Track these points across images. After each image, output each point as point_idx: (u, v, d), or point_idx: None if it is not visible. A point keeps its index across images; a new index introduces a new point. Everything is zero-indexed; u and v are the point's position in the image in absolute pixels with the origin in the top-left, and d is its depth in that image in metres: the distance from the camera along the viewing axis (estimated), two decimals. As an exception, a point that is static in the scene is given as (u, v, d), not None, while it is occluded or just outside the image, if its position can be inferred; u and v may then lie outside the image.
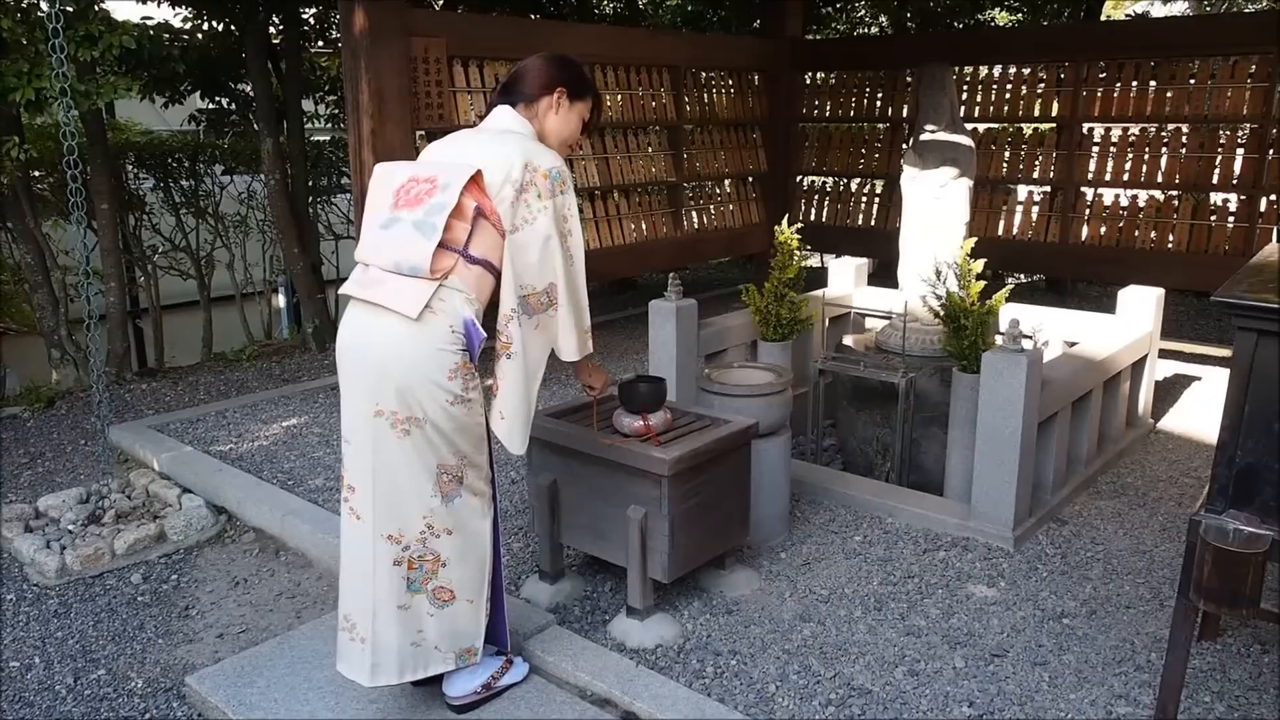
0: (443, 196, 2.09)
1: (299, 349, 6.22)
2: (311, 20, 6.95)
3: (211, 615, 2.98)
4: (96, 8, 4.72)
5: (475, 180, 2.12)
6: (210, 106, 7.05)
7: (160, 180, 6.67)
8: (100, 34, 4.57)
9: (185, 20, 6.57)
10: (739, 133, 7.06)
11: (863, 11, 10.29)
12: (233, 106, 7.01)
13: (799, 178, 7.46)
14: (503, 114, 2.31)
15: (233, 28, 6.36)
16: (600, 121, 2.57)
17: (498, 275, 2.18)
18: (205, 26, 6.46)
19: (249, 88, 6.68)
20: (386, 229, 2.14)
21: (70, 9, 4.57)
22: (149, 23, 5.96)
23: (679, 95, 6.38)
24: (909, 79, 6.78)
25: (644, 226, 6.29)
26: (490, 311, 2.20)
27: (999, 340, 3.22)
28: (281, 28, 6.52)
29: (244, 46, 6.12)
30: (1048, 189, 6.36)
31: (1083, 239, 6.16)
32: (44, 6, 4.40)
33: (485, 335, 2.15)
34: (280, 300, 8.36)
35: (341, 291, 2.22)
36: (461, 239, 2.11)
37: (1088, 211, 6.16)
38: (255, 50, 6.01)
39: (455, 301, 2.10)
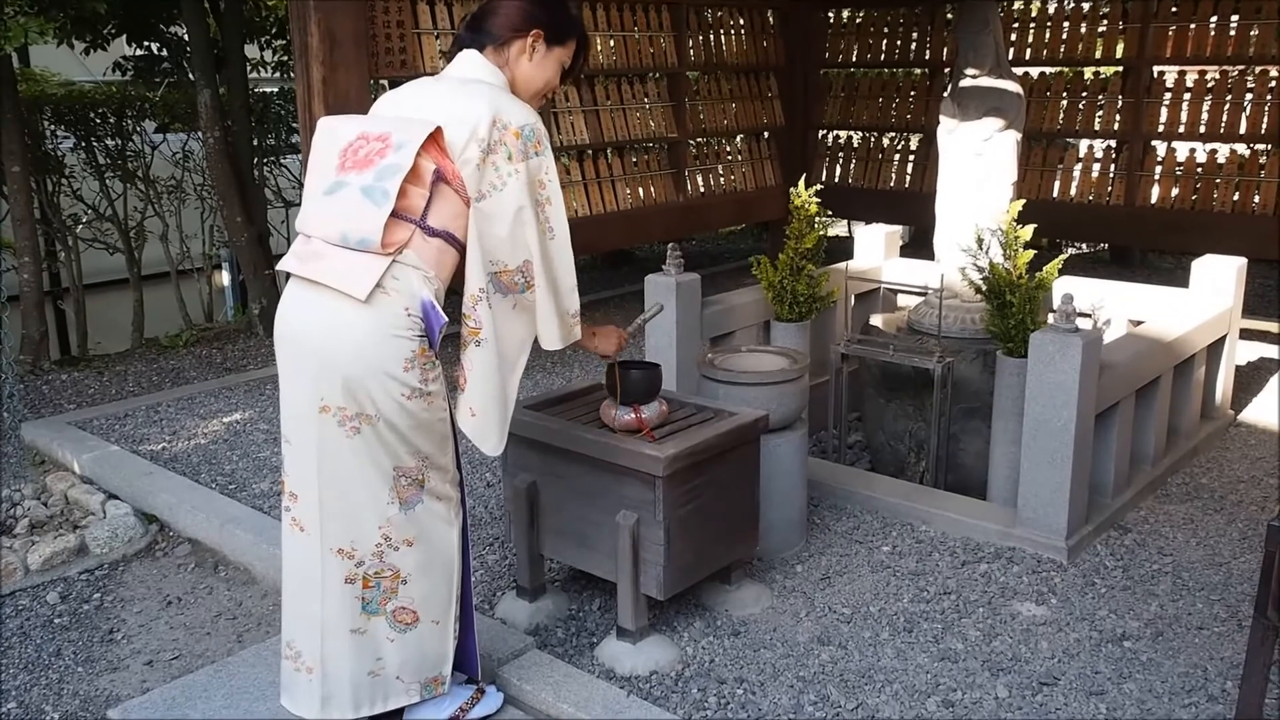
0: (396, 157, 2.06)
1: (243, 333, 6.21)
2: (255, -48, 6.92)
3: (139, 639, 2.97)
4: (3, -63, 4.70)
5: (434, 138, 2.10)
6: (138, 53, 7.02)
7: (82, 139, 6.65)
8: (7, -32, 4.55)
9: (107, -48, 6.53)
10: (750, 81, 7.02)
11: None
12: (164, 53, 6.98)
13: (820, 133, 7.43)
14: (469, 60, 2.28)
15: (163, -39, 6.33)
16: (584, 68, 2.53)
17: (461, 250, 2.16)
18: (131, -41, 6.42)
19: (183, 31, 6.65)
20: (331, 195, 2.11)
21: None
22: (65, -45, 5.94)
23: (680, 37, 6.34)
24: (949, 16, 6.73)
25: (640, 190, 6.27)
26: (455, 294, 2.18)
27: (1051, 319, 3.21)
28: (220, -40, 6.49)
29: (176, -18, 6.10)
30: (1111, 143, 6.32)
31: (1152, 201, 6.13)
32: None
33: (446, 320, 2.13)
34: (223, 277, 8.35)
35: (279, 267, 2.20)
36: (418, 207, 2.08)
37: (1158, 169, 6.13)
38: (189, -14, 5.98)
39: (411, 280, 2.08)
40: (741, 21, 6.88)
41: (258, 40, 7.41)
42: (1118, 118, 6.23)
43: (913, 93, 7.01)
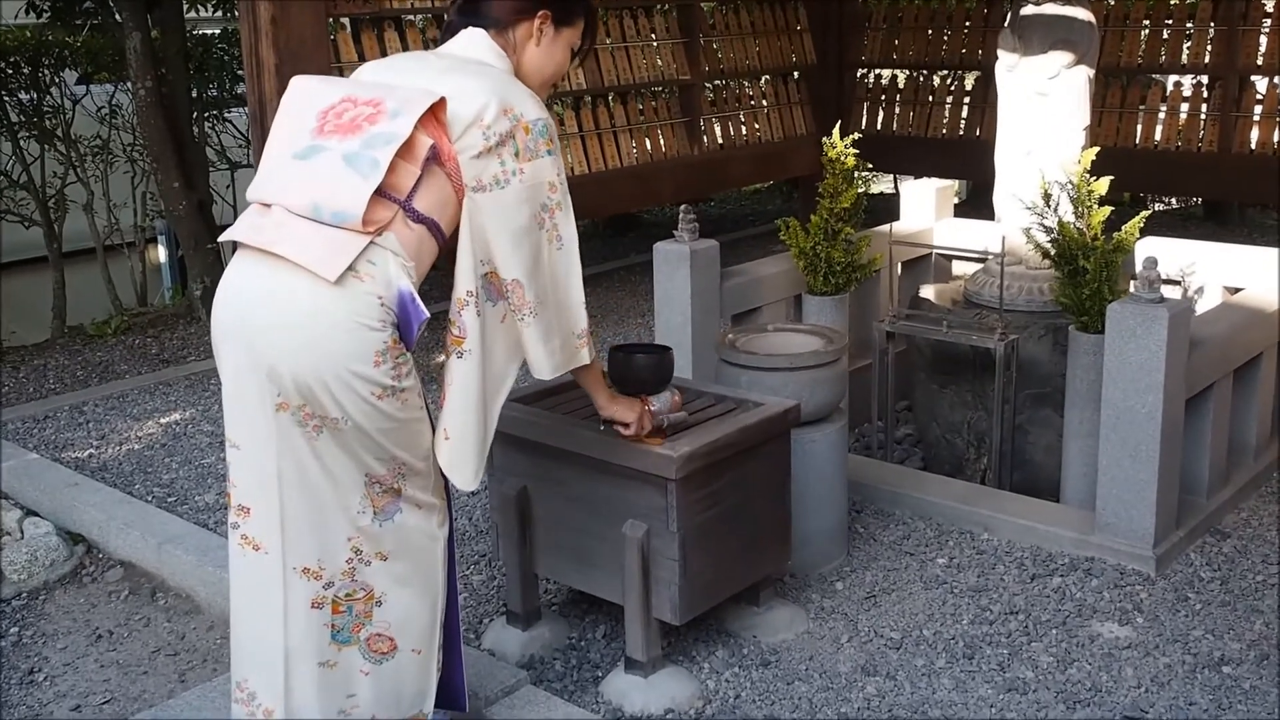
0: (391, 124, 2.05)
1: (183, 318, 6.22)
2: None
3: (65, 680, 2.97)
4: None
5: (435, 112, 2.09)
6: (56, -10, 7.01)
7: (-10, 94, 6.66)
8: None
9: None
10: (776, 11, 6.98)
11: None
12: (86, -10, 6.97)
13: (858, 72, 7.39)
14: (474, 38, 2.29)
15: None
16: (592, 46, 2.55)
17: (442, 243, 2.16)
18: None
19: (107, -37, 6.64)
20: (305, 160, 2.09)
21: None
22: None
23: (693, -39, 6.30)
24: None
25: (649, 143, 6.25)
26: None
27: (1132, 288, 3.18)
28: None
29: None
30: (1202, 79, 6.27)
31: (1251, 146, 6.08)
32: None
33: (427, 316, 2.11)
34: (158, 253, 8.35)
35: (225, 236, 2.17)
36: (406, 186, 2.08)
37: (1257, 109, 6.08)
38: (113, -89, 5.96)
39: (389, 266, 2.06)
40: (763, -58, 6.83)
41: (195, -27, 7.40)
42: (1209, 49, 6.17)
43: (967, 23, 6.96)
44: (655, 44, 6.27)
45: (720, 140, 6.67)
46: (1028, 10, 4.00)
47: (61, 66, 6.91)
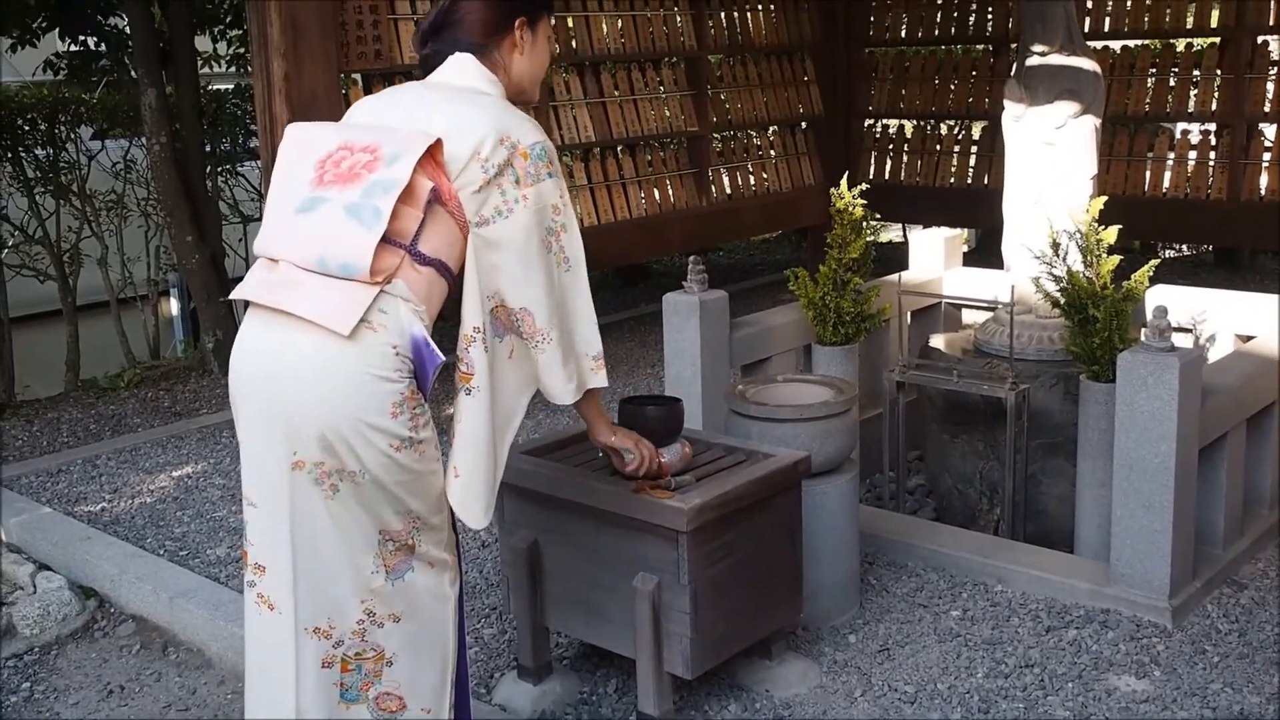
0: (390, 171, 2.05)
1: (195, 371, 6.25)
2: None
3: (75, 736, 2.97)
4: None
5: (432, 153, 2.09)
6: (73, 49, 7.12)
7: (8, 149, 6.75)
8: (-80, -44, 4.64)
9: (37, -66, 6.66)
10: (783, 63, 7.05)
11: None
12: (103, 48, 7.08)
13: (865, 122, 7.45)
14: (464, 65, 2.29)
15: (100, -58, 6.44)
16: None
17: (452, 281, 2.17)
18: (64, -58, 6.55)
19: (123, 22, 6.74)
20: (307, 213, 2.09)
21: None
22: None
23: (700, 16, 6.39)
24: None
25: (657, 194, 6.30)
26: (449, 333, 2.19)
27: (1143, 336, 3.18)
28: (165, -61, 6.59)
29: (116, -33, 6.20)
30: (1210, 127, 6.31)
31: (1260, 193, 6.10)
32: None
33: (442, 360, 2.13)
34: (170, 306, 8.41)
35: (236, 294, 2.19)
36: (410, 230, 2.08)
37: (1266, 156, 6.11)
38: (130, -29, 6.07)
39: (400, 313, 2.08)
40: (770, -5, 6.92)
41: (209, 31, 7.51)
42: (1216, 97, 6.21)
43: (973, 73, 7.03)
44: (663, 96, 6.33)
45: (729, 191, 6.72)
46: (1033, 61, 4.03)
47: (77, 123, 7.01)
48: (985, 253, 7.15)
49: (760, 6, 6.87)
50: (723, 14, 6.60)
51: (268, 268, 2.15)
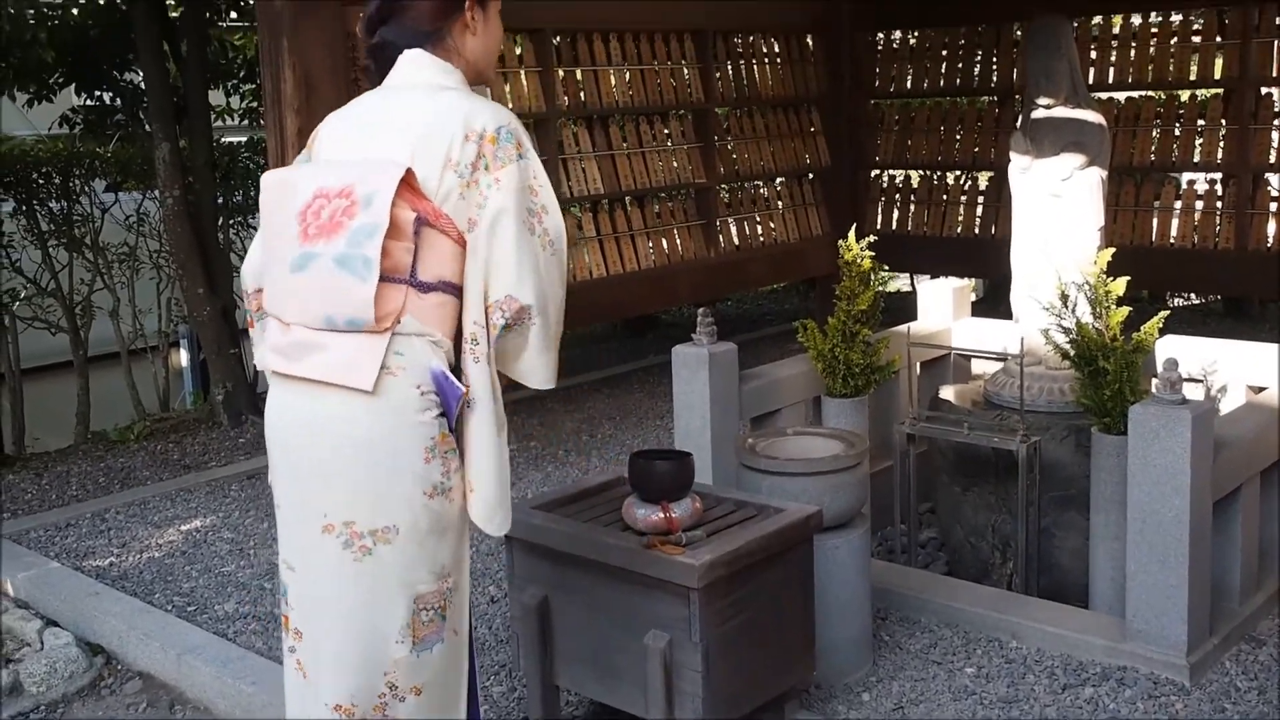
0: (368, 216, 2.03)
1: (204, 423, 6.24)
2: (221, -14, 7.11)
3: (81, 796, 2.95)
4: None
5: (407, 181, 2.06)
6: (88, 103, 7.20)
7: (22, 203, 6.80)
8: (-60, 15, 4.70)
9: (56, -8, 6.76)
10: (789, 115, 7.10)
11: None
12: (118, 102, 7.16)
13: (872, 173, 7.48)
14: (418, 63, 2.21)
15: (118, 0, 6.52)
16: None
17: (461, 296, 2.15)
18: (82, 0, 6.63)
19: (139, 77, 6.82)
20: (301, 271, 2.09)
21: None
22: (7, -3, 6.13)
23: (707, 69, 6.45)
24: (1016, 35, 6.81)
25: (665, 245, 6.32)
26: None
27: (1154, 387, 3.17)
28: (181, -2, 6.68)
29: (132, 23, 6.26)
30: (1216, 177, 6.32)
31: (1268, 242, 6.10)
32: None
33: (463, 390, 2.12)
34: (181, 357, 8.43)
35: (258, 363, 2.21)
36: (405, 264, 2.06)
37: (1273, 205, 6.11)
38: (147, 27, 6.15)
39: (417, 351, 2.08)
40: (777, 48, 6.99)
41: (223, 86, 7.59)
42: (1221, 147, 6.23)
43: (979, 124, 7.07)
44: (671, 148, 6.37)
45: (736, 241, 6.74)
46: (1038, 113, 4.06)
47: (91, 176, 7.06)
48: (993, 302, 7.15)
49: (766, 59, 6.93)
50: (729, 67, 6.66)
51: (282, 331, 2.16)
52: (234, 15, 7.34)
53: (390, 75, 2.24)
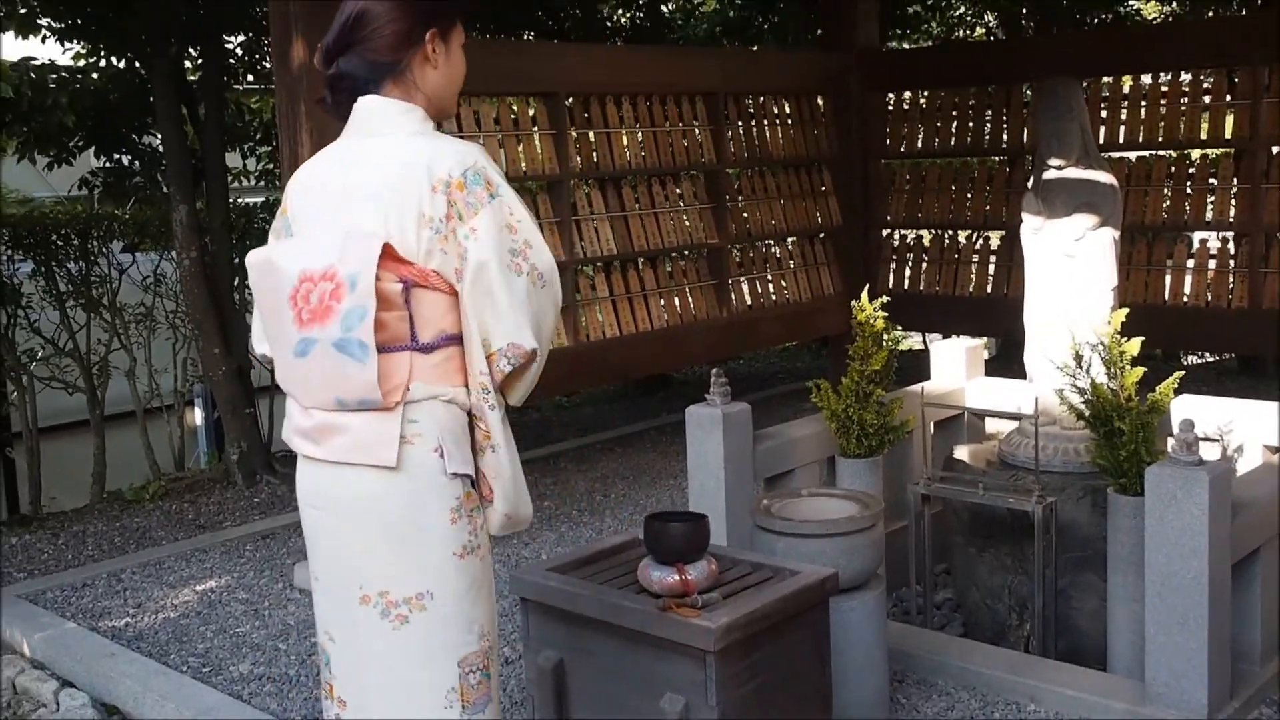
0: (355, 298, 2.03)
1: (219, 483, 6.27)
2: (238, 52, 7.25)
3: None
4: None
5: (386, 254, 2.05)
6: (108, 166, 7.31)
7: (41, 264, 6.89)
8: (-33, 81, 4.81)
9: (77, 58, 6.89)
10: (801, 176, 7.17)
11: (962, 9, 10.52)
12: (136, 165, 7.27)
13: (884, 232, 7.53)
14: (372, 110, 2.15)
15: (137, 65, 6.65)
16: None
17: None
18: (103, 64, 6.76)
19: (157, 140, 6.94)
20: (304, 357, 2.11)
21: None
22: (30, 62, 6.26)
23: (719, 130, 6.52)
24: (1026, 96, 6.88)
25: (678, 305, 6.35)
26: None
27: (1170, 449, 3.17)
28: (200, 63, 6.80)
29: (151, 88, 6.38)
30: (1228, 235, 6.35)
31: (1281, 301, 6.11)
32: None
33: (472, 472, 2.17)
34: (196, 416, 8.48)
35: (289, 443, 2.24)
36: (403, 332, 2.08)
37: (1285, 264, 6.13)
38: (165, 92, 6.26)
39: (429, 415, 2.10)
40: (788, 109, 7.07)
41: (240, 147, 7.71)
42: (1233, 206, 6.27)
43: (989, 183, 7.12)
44: (684, 209, 6.43)
45: (749, 301, 6.77)
46: (1050, 174, 4.09)
47: (110, 238, 7.15)
48: (1006, 360, 7.17)
49: (777, 120, 7.01)
50: (741, 128, 6.74)
51: (302, 413, 2.18)
52: (250, 79, 7.47)
53: (351, 121, 2.18)
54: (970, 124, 7.16)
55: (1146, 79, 6.54)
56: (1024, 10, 9.73)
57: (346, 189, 2.13)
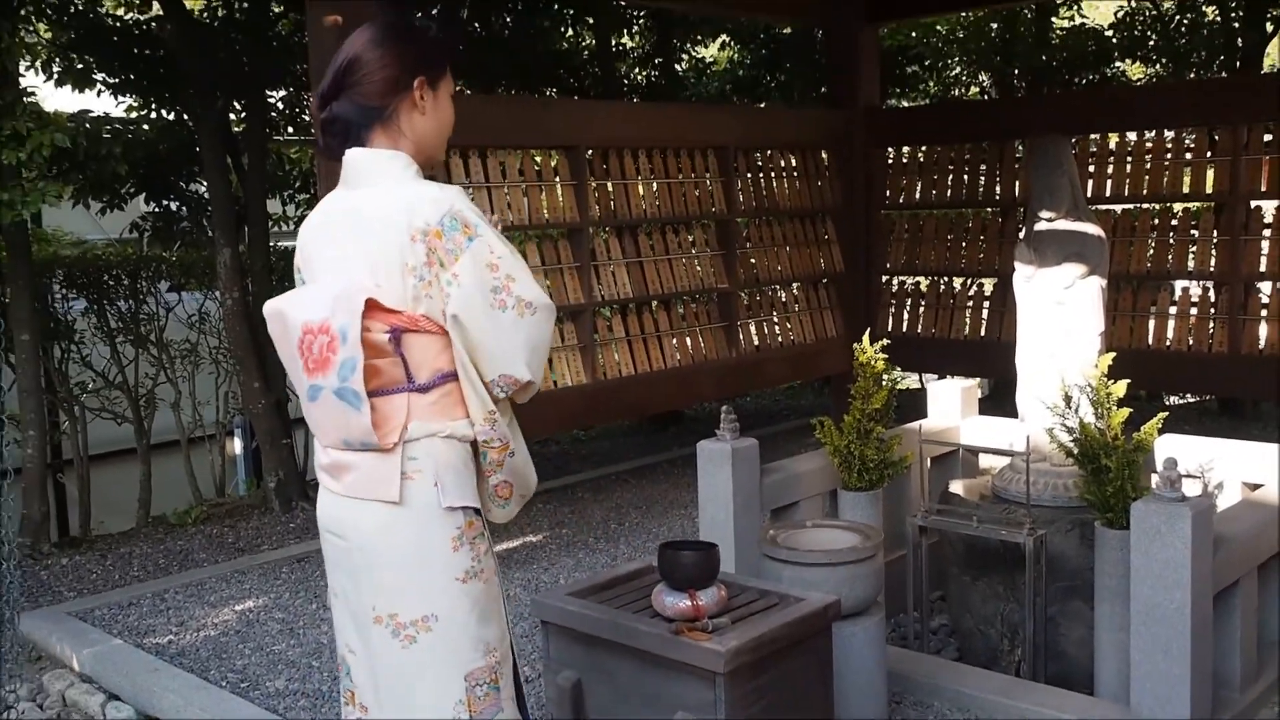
0: (346, 350, 2.07)
1: (258, 509, 6.31)
2: (280, 105, 7.36)
3: None
4: (24, 101, 5.06)
5: (373, 306, 2.08)
6: (156, 211, 7.41)
7: (93, 302, 6.97)
8: (29, 131, 4.88)
9: (130, 111, 7.01)
10: (806, 225, 7.23)
11: (957, 70, 10.62)
12: (183, 210, 7.37)
13: (884, 278, 7.57)
14: (358, 161, 2.15)
15: (185, 118, 6.76)
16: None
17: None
18: (153, 117, 6.87)
19: (203, 187, 7.04)
20: (315, 401, 2.16)
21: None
22: (86, 115, 6.37)
23: (729, 182, 6.59)
24: (1019, 151, 6.94)
25: (689, 345, 6.40)
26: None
27: (1154, 485, 3.19)
28: (244, 115, 6.92)
29: (198, 139, 6.49)
30: (1209, 284, 6.37)
31: (1260, 346, 6.12)
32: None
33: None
34: (236, 445, 8.53)
35: (319, 478, 2.30)
36: (398, 376, 2.12)
37: (1263, 311, 6.15)
38: (211, 143, 6.36)
39: (429, 452, 2.14)
40: (794, 163, 7.13)
41: (281, 194, 7.81)
42: (1213, 256, 6.30)
43: (983, 233, 7.16)
44: (695, 255, 6.49)
45: (756, 342, 6.81)
46: (1041, 225, 4.14)
47: (158, 278, 7.23)
48: (998, 399, 7.17)
49: (784, 173, 7.08)
50: (750, 180, 6.81)
51: (323, 451, 2.23)
52: (291, 130, 7.59)
53: (343, 172, 2.19)
54: (966, 178, 7.22)
55: (1132, 136, 6.59)
56: (1016, 71, 9.83)
57: (344, 240, 2.15)
